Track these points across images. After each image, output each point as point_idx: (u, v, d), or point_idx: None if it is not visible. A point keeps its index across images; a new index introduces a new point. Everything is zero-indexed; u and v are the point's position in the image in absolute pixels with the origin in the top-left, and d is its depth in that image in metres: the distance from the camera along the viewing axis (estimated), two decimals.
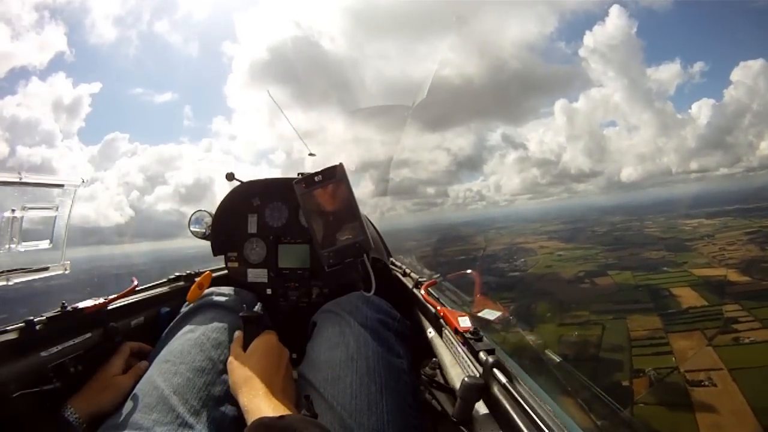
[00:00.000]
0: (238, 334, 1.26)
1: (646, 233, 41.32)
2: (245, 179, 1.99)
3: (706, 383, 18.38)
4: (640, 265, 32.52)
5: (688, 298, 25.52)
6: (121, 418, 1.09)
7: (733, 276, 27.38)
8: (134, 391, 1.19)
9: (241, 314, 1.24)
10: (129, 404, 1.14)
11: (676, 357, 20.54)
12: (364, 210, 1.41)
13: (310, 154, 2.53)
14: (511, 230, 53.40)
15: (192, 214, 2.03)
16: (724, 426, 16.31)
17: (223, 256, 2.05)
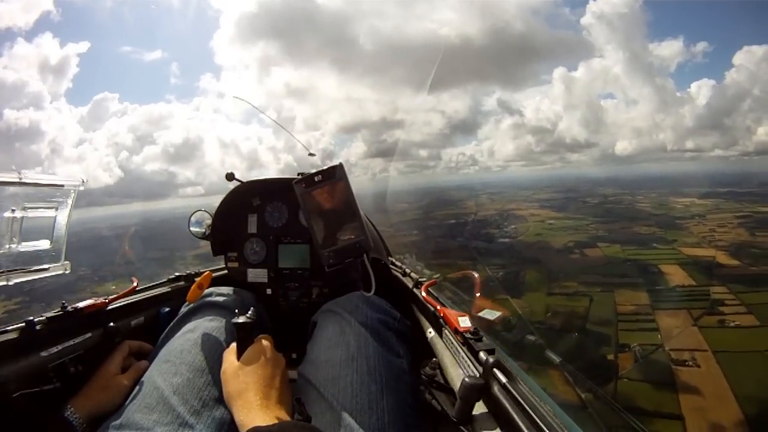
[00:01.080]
0: (232, 346, 1.20)
1: (638, 208, 41.88)
2: (245, 179, 1.99)
3: (690, 363, 18.60)
4: (630, 239, 32.81)
5: (677, 276, 25.75)
6: (122, 418, 1.09)
7: (722, 258, 27.69)
8: (134, 391, 1.19)
9: (233, 321, 1.18)
10: (129, 404, 1.14)
11: (662, 334, 20.74)
12: (364, 208, 1.40)
13: (310, 154, 2.52)
14: (502, 196, 53.81)
15: (192, 214, 2.01)
16: (707, 409, 16.46)
17: (223, 256, 2.06)
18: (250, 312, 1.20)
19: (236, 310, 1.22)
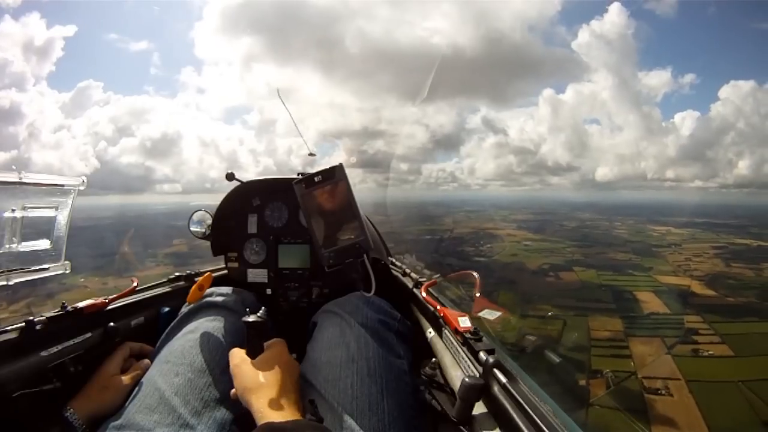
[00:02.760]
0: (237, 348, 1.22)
1: (615, 234, 42.56)
2: (245, 179, 1.99)
3: (663, 392, 18.43)
4: (606, 264, 33.05)
5: (651, 303, 25.85)
6: (122, 418, 1.11)
7: (697, 287, 28.07)
8: (135, 392, 1.21)
9: (244, 320, 1.17)
10: (129, 405, 1.16)
11: (635, 362, 20.65)
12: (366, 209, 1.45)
13: (310, 155, 2.52)
14: (480, 215, 54.00)
15: (192, 214, 1.99)
16: None
17: (223, 256, 2.06)
18: (261, 311, 1.21)
19: (247, 309, 1.22)
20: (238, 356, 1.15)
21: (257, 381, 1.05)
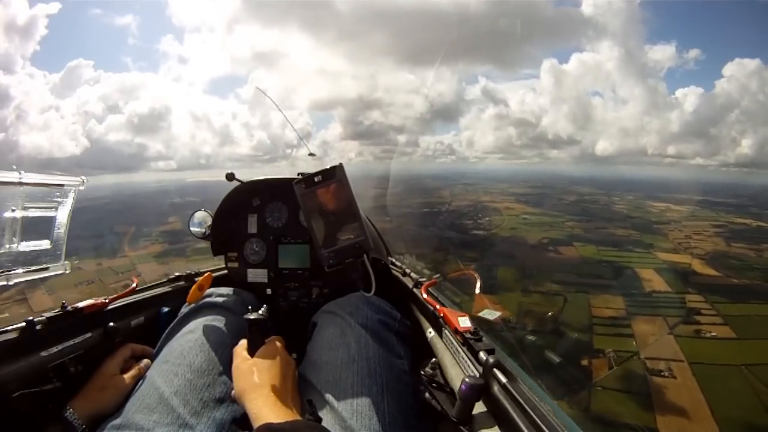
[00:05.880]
0: (243, 341, 1.24)
1: (614, 209, 42.34)
2: (245, 179, 2.01)
3: (666, 374, 18.22)
4: (606, 240, 32.89)
5: (653, 281, 25.59)
6: (122, 418, 1.12)
7: (698, 266, 27.83)
8: (134, 392, 1.23)
9: (245, 317, 1.23)
10: (129, 405, 1.18)
11: (637, 341, 20.42)
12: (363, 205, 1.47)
13: (310, 155, 2.56)
14: (478, 188, 53.73)
15: (192, 214, 2.00)
16: (684, 425, 16.04)
17: (223, 256, 2.08)
18: (262, 309, 1.25)
19: (249, 307, 1.25)
20: (238, 356, 1.18)
21: (252, 382, 1.07)
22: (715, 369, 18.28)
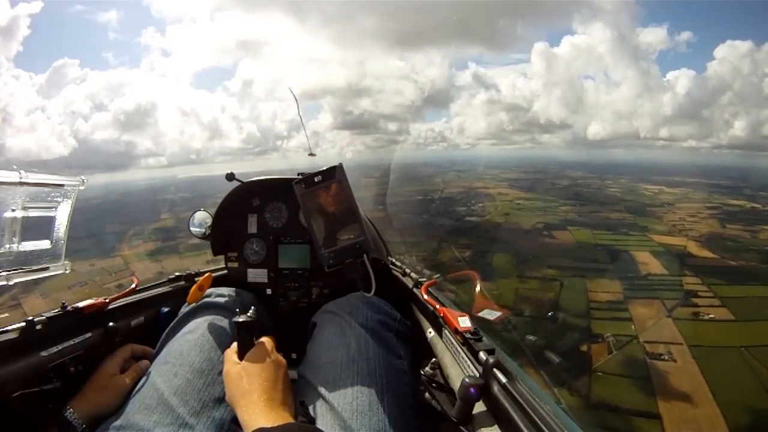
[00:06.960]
0: (233, 345, 1.22)
1: (607, 193, 42.27)
2: (245, 179, 2.01)
3: (666, 357, 18.28)
4: (600, 223, 32.95)
5: (648, 264, 25.64)
6: (121, 418, 1.13)
7: (693, 248, 27.94)
8: (134, 392, 1.24)
9: (234, 320, 1.22)
10: (129, 405, 1.18)
11: (636, 325, 20.45)
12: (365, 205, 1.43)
13: (310, 155, 2.51)
14: (470, 174, 53.63)
15: (192, 214, 2.01)
16: (686, 408, 16.01)
17: (223, 257, 2.09)
18: (250, 311, 1.23)
19: (237, 310, 1.24)
20: (228, 361, 1.17)
21: (242, 388, 1.06)
22: (715, 351, 18.26)
